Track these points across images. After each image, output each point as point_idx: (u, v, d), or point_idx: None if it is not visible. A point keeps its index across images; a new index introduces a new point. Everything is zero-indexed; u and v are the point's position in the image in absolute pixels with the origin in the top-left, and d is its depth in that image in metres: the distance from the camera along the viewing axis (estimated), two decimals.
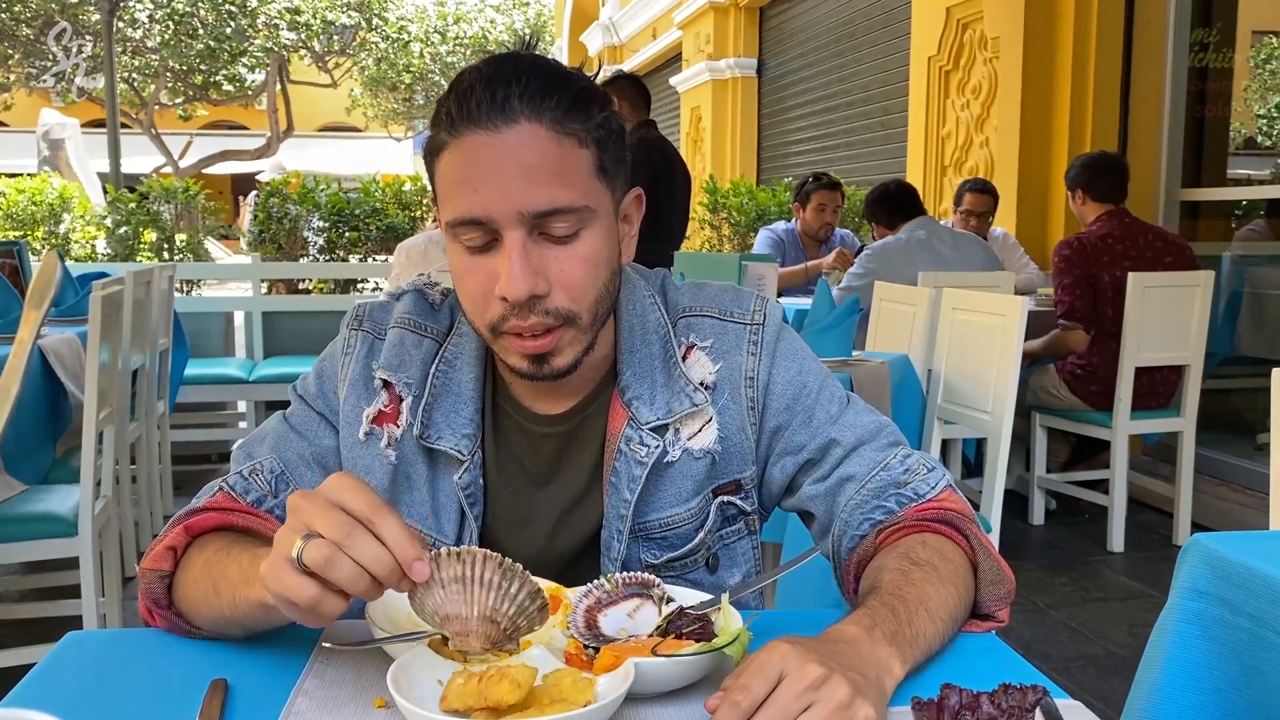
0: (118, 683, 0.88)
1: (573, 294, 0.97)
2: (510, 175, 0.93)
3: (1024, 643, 3.05)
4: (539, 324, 0.96)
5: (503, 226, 0.94)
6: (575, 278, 0.97)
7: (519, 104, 0.93)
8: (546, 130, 0.94)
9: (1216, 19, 4.93)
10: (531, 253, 0.95)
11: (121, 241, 6.99)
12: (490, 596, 0.79)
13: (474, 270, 0.97)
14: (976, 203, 4.91)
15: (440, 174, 0.98)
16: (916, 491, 1.03)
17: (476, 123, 0.93)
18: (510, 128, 0.93)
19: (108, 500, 2.77)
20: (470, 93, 0.94)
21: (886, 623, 0.83)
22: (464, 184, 0.94)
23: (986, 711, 0.65)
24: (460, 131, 0.94)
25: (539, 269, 0.95)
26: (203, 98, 20.21)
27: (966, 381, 2.90)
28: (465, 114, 0.94)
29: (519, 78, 0.94)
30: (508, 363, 1.01)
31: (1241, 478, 4.29)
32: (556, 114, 0.94)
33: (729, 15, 10.09)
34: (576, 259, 0.97)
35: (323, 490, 0.78)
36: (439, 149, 0.97)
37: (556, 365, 1.00)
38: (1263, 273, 4.87)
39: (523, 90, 0.94)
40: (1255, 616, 0.95)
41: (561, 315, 0.97)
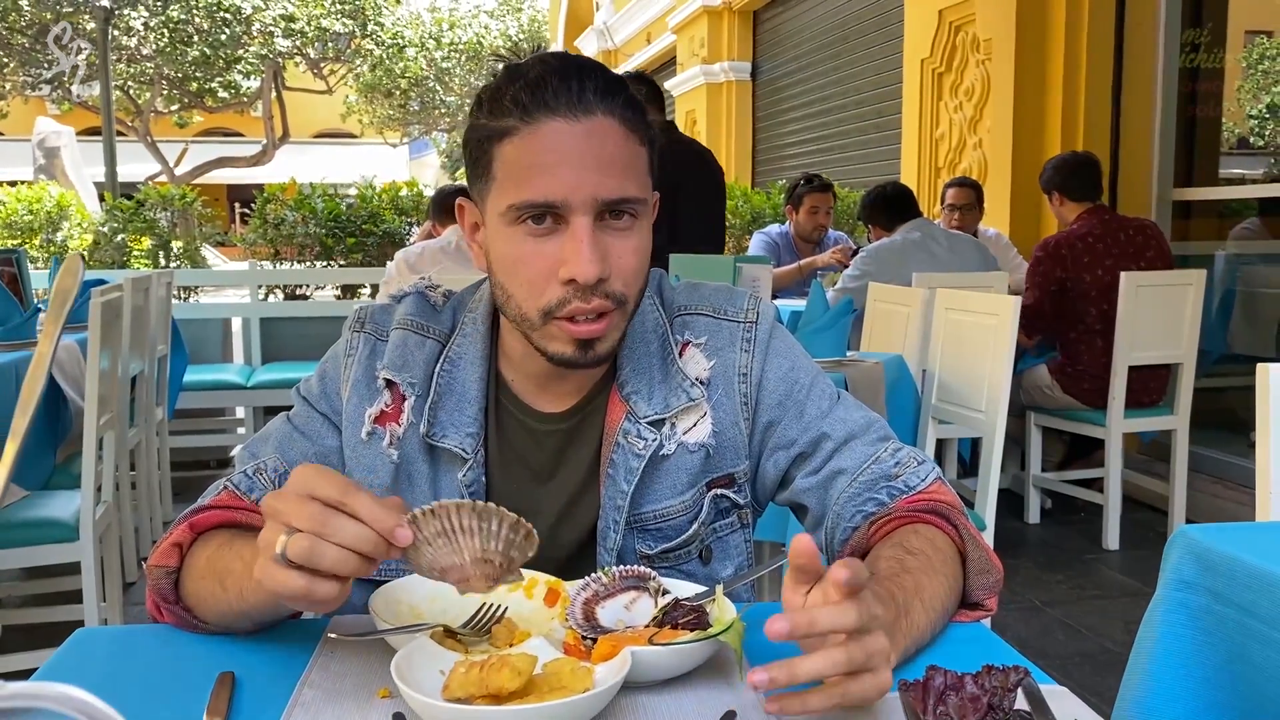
0: (126, 678, 0.90)
1: (627, 281, 1.01)
2: (587, 164, 0.97)
3: (1020, 640, 3.07)
4: (600, 305, 1.00)
5: (574, 211, 0.97)
6: (631, 265, 1.01)
7: (594, 98, 0.98)
8: (618, 125, 0.99)
9: (1207, 19, 4.95)
10: (598, 238, 0.98)
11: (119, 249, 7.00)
12: (475, 540, 0.82)
13: (534, 254, 1.00)
14: (958, 196, 4.93)
15: (505, 159, 0.99)
16: (907, 484, 1.06)
17: (554, 111, 0.97)
18: (589, 118, 0.97)
19: (108, 505, 2.79)
20: (544, 82, 0.97)
21: (888, 611, 0.85)
22: (539, 169, 0.97)
23: (970, 692, 0.67)
24: (535, 118, 0.97)
25: (604, 253, 0.99)
26: (198, 105, 20.23)
27: (960, 381, 2.92)
28: (541, 102, 0.97)
29: (589, 73, 0.99)
30: (548, 350, 1.03)
31: (1235, 475, 4.31)
32: (625, 111, 1.00)
33: (723, 19, 10.12)
34: (631, 248, 1.01)
35: (291, 485, 0.81)
36: (503, 134, 0.99)
37: (600, 351, 1.03)
38: (1255, 271, 4.90)
39: (596, 85, 0.98)
40: (1241, 606, 0.97)
41: (617, 298, 1.01)
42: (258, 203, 6.84)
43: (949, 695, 0.67)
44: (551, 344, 1.02)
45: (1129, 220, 4.14)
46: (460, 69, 21.56)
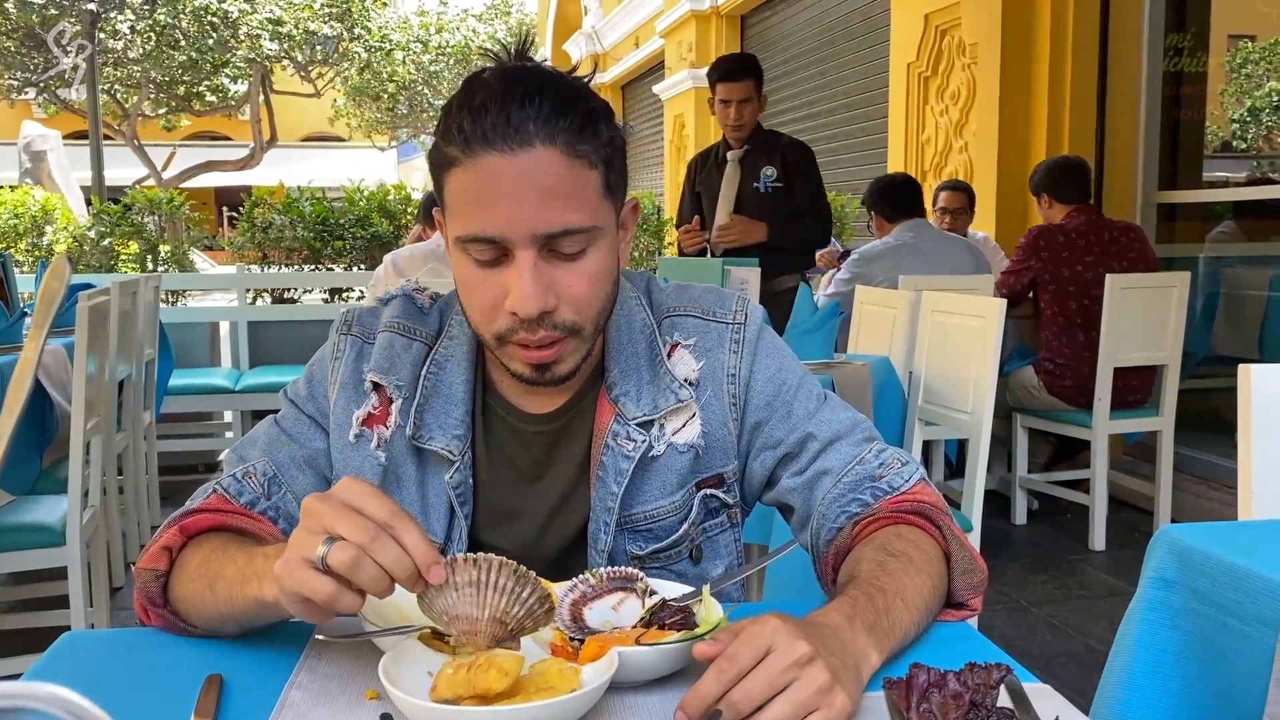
0: (113, 681, 0.90)
1: (579, 308, 1.00)
2: (524, 198, 0.95)
3: (1006, 640, 3.09)
4: (546, 337, 1.00)
5: (515, 245, 0.97)
6: (582, 293, 1.00)
7: (533, 127, 0.95)
8: (560, 154, 0.96)
9: (1190, 23, 4.99)
10: (542, 270, 0.97)
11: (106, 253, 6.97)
12: (502, 600, 0.82)
13: (483, 283, 1.00)
14: (950, 200, 4.97)
15: (451, 189, 0.99)
16: (891, 485, 1.06)
17: (491, 144, 0.95)
18: (525, 151, 0.95)
19: (95, 510, 2.78)
20: (484, 112, 0.95)
21: (866, 612, 0.86)
22: (478, 203, 0.97)
23: (953, 689, 0.68)
24: (474, 151, 0.96)
25: (549, 286, 0.98)
26: (185, 108, 20.16)
27: (947, 383, 2.94)
28: (480, 134, 0.95)
29: (532, 98, 0.95)
30: (510, 368, 1.04)
31: (1220, 475, 4.34)
32: (569, 136, 0.96)
33: (710, 23, 10.14)
34: (584, 276, 1.00)
35: (338, 494, 0.81)
36: (450, 164, 0.98)
37: (558, 373, 1.03)
38: (1238, 273, 4.94)
39: (537, 112, 0.95)
40: (1222, 605, 0.98)
41: (567, 328, 1.01)
42: (245, 206, 6.82)
43: (932, 693, 0.68)
44: (511, 364, 1.04)
45: (1114, 222, 4.19)
46: (448, 72, 21.54)
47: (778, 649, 0.76)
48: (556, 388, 1.10)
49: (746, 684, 0.74)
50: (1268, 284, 4.74)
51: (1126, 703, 1.05)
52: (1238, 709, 0.95)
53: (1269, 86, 5.25)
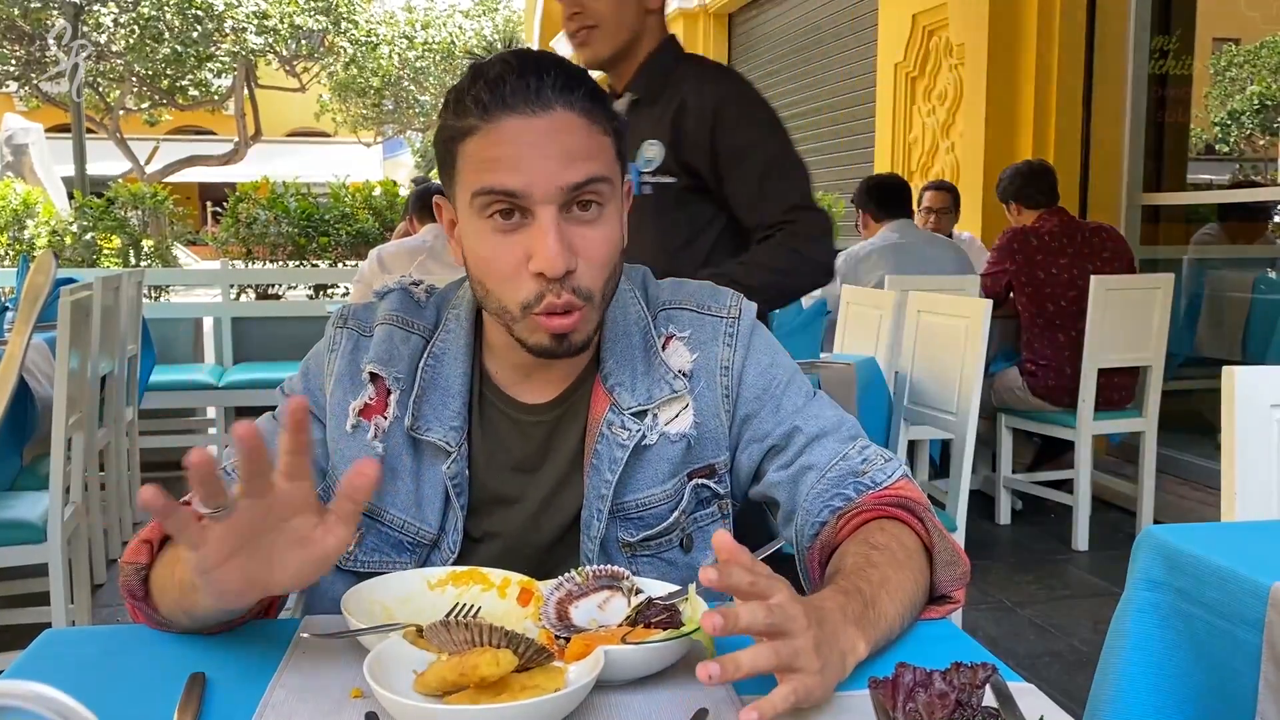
0: (95, 679, 0.89)
1: (594, 271, 1.02)
2: (549, 154, 0.98)
3: (991, 640, 3.10)
4: (568, 301, 1.01)
5: (537, 203, 0.99)
6: (598, 255, 1.02)
7: (552, 93, 0.99)
8: (579, 116, 1.00)
9: (1176, 26, 5.02)
10: (563, 230, 1.00)
11: (88, 248, 6.93)
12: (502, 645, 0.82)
13: (504, 249, 1.01)
14: (935, 200, 5.00)
15: (468, 154, 1.01)
16: (874, 480, 1.07)
17: (513, 109, 0.98)
18: (547, 113, 0.99)
19: (76, 507, 2.76)
20: (502, 81, 0.99)
21: (854, 604, 0.87)
22: (500, 160, 0.99)
23: (939, 688, 0.68)
24: (495, 116, 0.99)
25: (570, 246, 1.00)
26: (169, 103, 20.03)
27: (932, 383, 2.95)
28: (500, 100, 0.99)
29: (546, 69, 1.00)
30: (528, 341, 1.05)
31: (1202, 476, 4.37)
32: (585, 103, 1.01)
33: (698, 22, 10.14)
34: (600, 238, 1.02)
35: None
36: (466, 133, 1.01)
37: (575, 341, 1.05)
38: (1222, 275, 4.97)
39: (554, 80, 0.99)
40: (1207, 605, 0.99)
41: (584, 294, 1.02)
42: (230, 202, 6.79)
43: (918, 692, 0.68)
44: (531, 336, 1.04)
45: (1086, 223, 4.25)
46: (435, 68, 21.49)
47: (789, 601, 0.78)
48: (552, 377, 1.12)
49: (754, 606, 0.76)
50: (1251, 286, 4.78)
51: (1122, 702, 1.06)
52: (1228, 708, 0.95)
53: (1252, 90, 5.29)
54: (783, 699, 0.75)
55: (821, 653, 0.78)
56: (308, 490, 0.81)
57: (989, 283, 4.09)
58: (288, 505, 0.80)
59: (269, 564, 0.81)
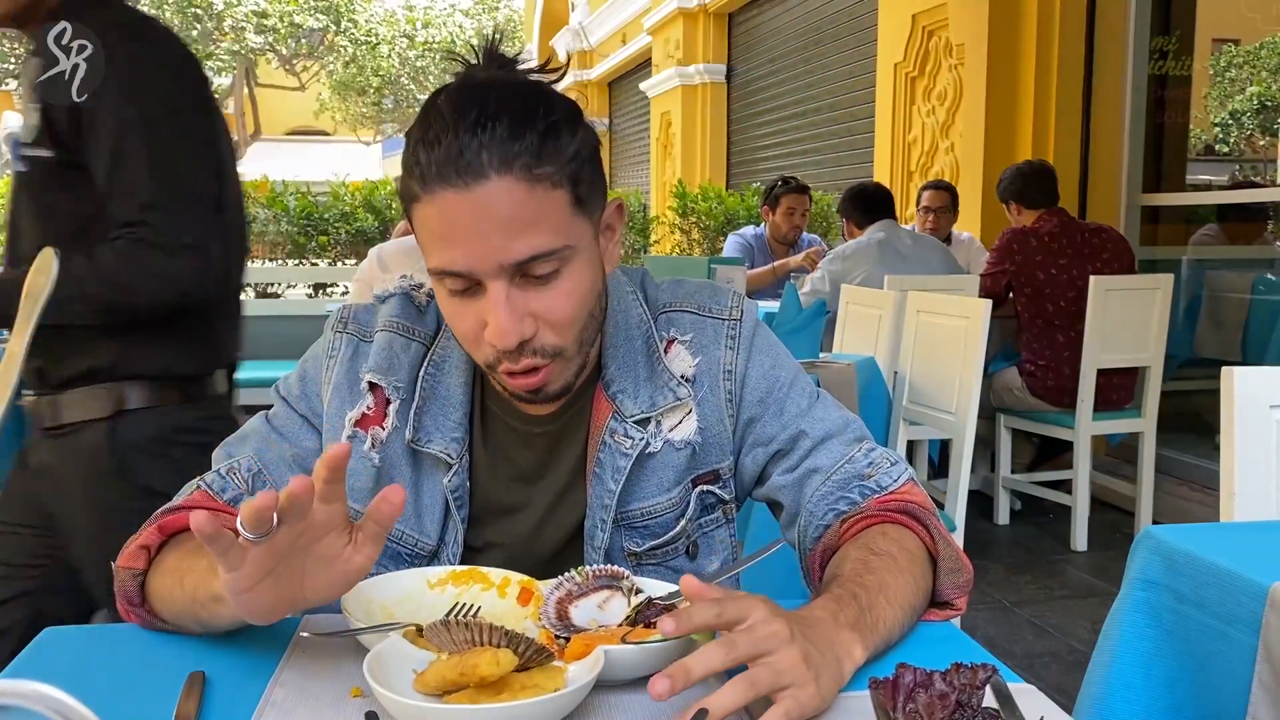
0: (95, 678, 0.89)
1: (559, 330, 0.99)
2: (486, 231, 0.93)
3: (989, 640, 3.10)
4: (529, 364, 0.99)
5: (484, 278, 0.95)
6: (561, 315, 0.98)
7: (486, 157, 0.91)
8: (517, 180, 0.92)
9: (1176, 27, 5.02)
10: (516, 299, 0.96)
11: None
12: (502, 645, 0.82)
13: (462, 313, 0.99)
14: (934, 199, 5.00)
15: (417, 223, 0.98)
16: (879, 484, 1.06)
17: (446, 180, 0.92)
18: (480, 184, 0.92)
19: None
20: (436, 145, 0.92)
21: (849, 608, 0.87)
22: (442, 240, 0.95)
23: (939, 689, 0.68)
24: (431, 188, 0.93)
25: (525, 312, 0.97)
26: None
27: (931, 383, 2.95)
28: (435, 170, 0.93)
29: (483, 124, 0.92)
30: (506, 389, 1.05)
31: (1201, 477, 4.37)
32: (527, 159, 0.93)
33: (698, 21, 10.14)
34: (561, 295, 0.98)
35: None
36: (413, 198, 0.96)
37: (549, 393, 1.03)
38: (1221, 276, 4.97)
39: (490, 139, 0.92)
40: (1204, 605, 0.99)
41: (548, 353, 0.99)
42: None
43: (918, 693, 0.68)
44: (505, 385, 1.04)
45: (1086, 224, 4.26)
46: (435, 67, 21.49)
47: (761, 620, 0.78)
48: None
49: (733, 636, 0.76)
50: (1250, 287, 4.78)
51: (1109, 702, 1.06)
52: (1219, 708, 0.95)
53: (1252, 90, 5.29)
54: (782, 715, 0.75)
55: (813, 663, 0.78)
56: (340, 511, 0.81)
57: (988, 283, 4.10)
58: (321, 527, 0.81)
59: (300, 583, 0.82)
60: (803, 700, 0.76)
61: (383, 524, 0.81)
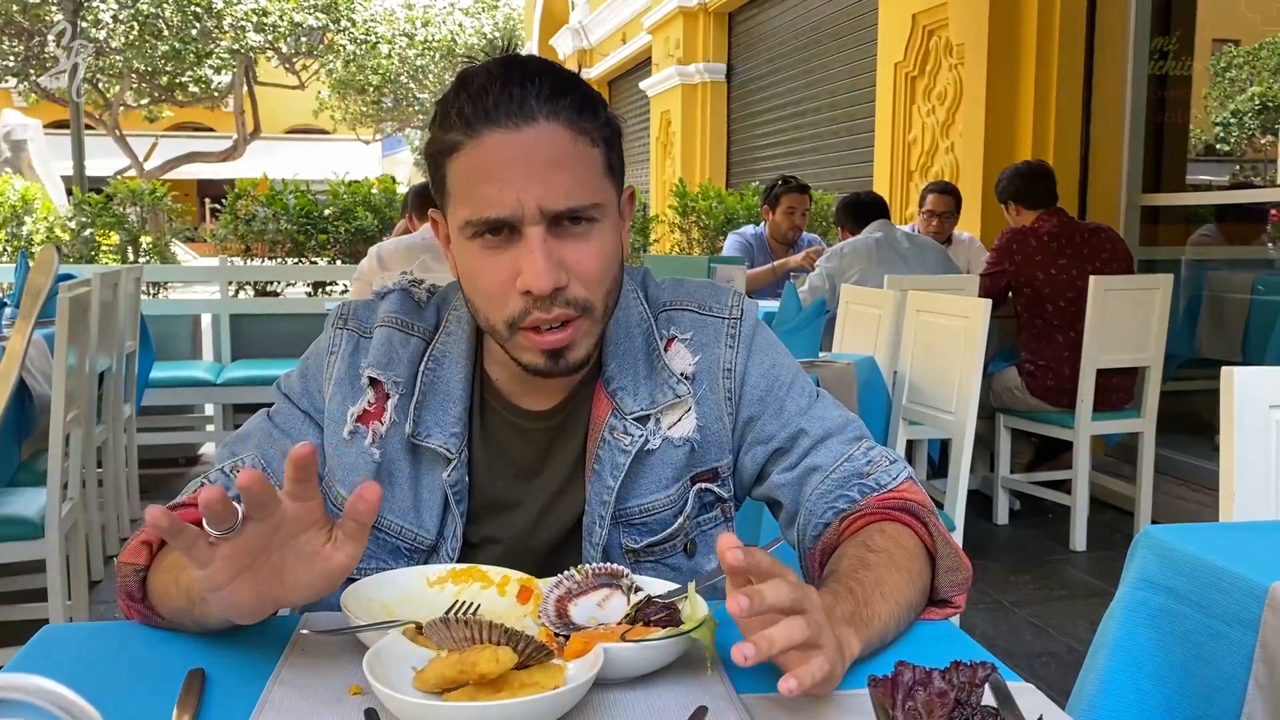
0: (94, 675, 0.89)
1: (589, 285, 1.00)
2: (532, 173, 0.95)
3: (988, 639, 3.10)
4: (561, 315, 0.99)
5: (524, 223, 0.96)
6: (591, 269, 1.00)
7: (535, 104, 0.95)
8: (563, 128, 0.96)
9: (1176, 27, 5.02)
10: (552, 246, 0.97)
11: (87, 244, 6.92)
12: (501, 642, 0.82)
13: (491, 266, 0.99)
14: (938, 203, 5.00)
15: (454, 173, 0.99)
16: (878, 482, 1.07)
17: (495, 122, 0.95)
18: (529, 126, 0.95)
19: (74, 503, 2.76)
20: (485, 93, 0.96)
21: (845, 603, 0.87)
22: (484, 183, 0.96)
23: (938, 687, 0.68)
24: (478, 131, 0.96)
25: (559, 262, 0.98)
26: (168, 99, 20.00)
27: (931, 383, 2.95)
28: (483, 113, 0.96)
29: (532, 78, 0.96)
30: (521, 360, 1.03)
31: (1200, 477, 4.37)
32: (571, 113, 0.97)
33: (698, 20, 10.14)
34: (592, 252, 0.99)
35: None
36: (451, 149, 0.98)
37: (572, 359, 1.02)
38: (1221, 276, 4.97)
39: (538, 90, 0.96)
40: (1202, 605, 0.99)
41: (580, 305, 1.00)
42: (228, 198, 6.78)
43: (917, 690, 0.68)
44: (522, 355, 1.03)
45: (1084, 224, 4.26)
46: (435, 66, 21.46)
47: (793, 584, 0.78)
48: (554, 384, 1.09)
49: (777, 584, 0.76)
50: (1249, 287, 4.78)
51: (1103, 701, 1.06)
52: (1216, 708, 0.95)
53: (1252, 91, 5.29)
54: (819, 668, 0.75)
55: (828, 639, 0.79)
56: (315, 509, 0.81)
57: (988, 283, 4.10)
58: (296, 524, 0.80)
59: (280, 580, 0.81)
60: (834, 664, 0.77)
61: (361, 521, 0.80)
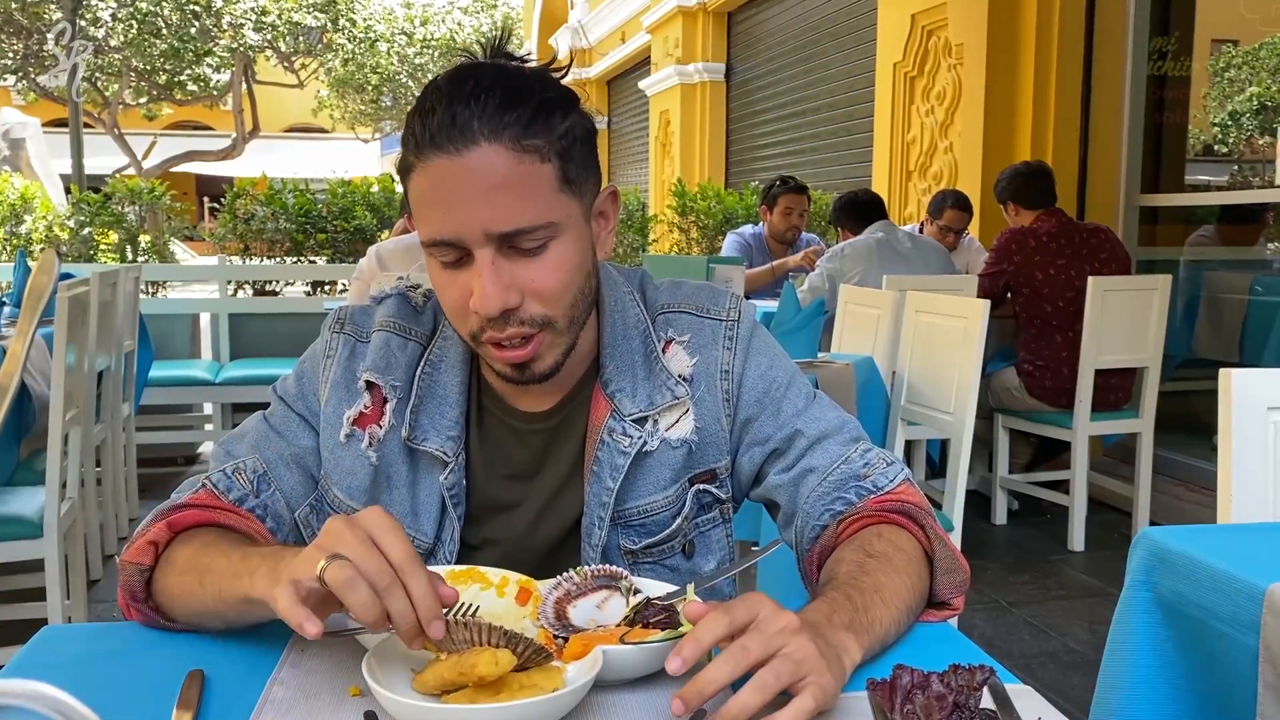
0: (94, 676, 0.89)
1: (545, 301, 1.00)
2: (473, 198, 0.95)
3: (986, 640, 3.10)
4: (515, 334, 0.99)
5: (472, 245, 0.97)
6: (547, 287, 0.99)
7: (478, 125, 0.94)
8: (505, 149, 0.95)
9: (1175, 27, 5.02)
10: (501, 268, 0.97)
11: (85, 243, 6.92)
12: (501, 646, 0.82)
13: (450, 284, 1.00)
14: (958, 220, 4.96)
15: (411, 194, 1.00)
16: (875, 484, 1.07)
17: (439, 147, 0.95)
18: (470, 150, 0.94)
19: (73, 502, 2.76)
20: (431, 114, 0.96)
21: (843, 610, 0.87)
22: (432, 206, 0.97)
23: (936, 690, 0.68)
24: (424, 155, 0.96)
25: (510, 282, 0.97)
26: (167, 98, 20.00)
27: (929, 383, 2.95)
28: (428, 137, 0.96)
29: (477, 96, 0.95)
30: (494, 368, 1.05)
31: (1198, 478, 4.37)
32: (516, 130, 0.95)
33: (697, 20, 10.14)
34: (547, 269, 0.99)
35: (362, 522, 0.81)
36: (408, 170, 0.99)
37: (538, 370, 1.03)
38: (1219, 276, 4.98)
39: (481, 109, 0.94)
40: (1202, 607, 0.99)
41: (537, 322, 1.00)
42: (227, 197, 6.78)
43: (916, 694, 0.68)
44: (492, 363, 1.04)
45: (1083, 224, 4.26)
46: (433, 65, 21.45)
47: (768, 616, 0.77)
48: (548, 384, 1.09)
49: (744, 640, 0.76)
50: (1248, 287, 4.78)
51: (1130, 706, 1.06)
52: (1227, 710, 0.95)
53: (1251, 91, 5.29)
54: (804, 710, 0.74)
55: (825, 653, 0.78)
56: None
57: (986, 283, 4.10)
58: None
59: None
60: (824, 686, 0.76)
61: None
